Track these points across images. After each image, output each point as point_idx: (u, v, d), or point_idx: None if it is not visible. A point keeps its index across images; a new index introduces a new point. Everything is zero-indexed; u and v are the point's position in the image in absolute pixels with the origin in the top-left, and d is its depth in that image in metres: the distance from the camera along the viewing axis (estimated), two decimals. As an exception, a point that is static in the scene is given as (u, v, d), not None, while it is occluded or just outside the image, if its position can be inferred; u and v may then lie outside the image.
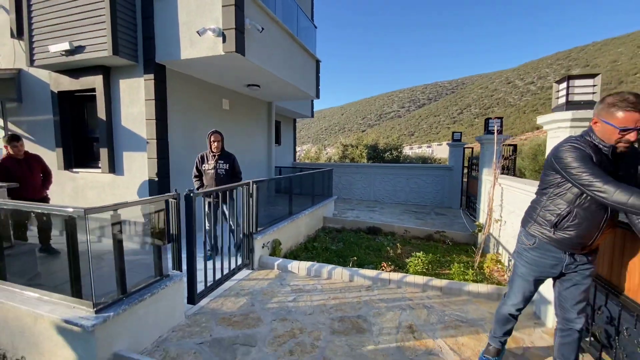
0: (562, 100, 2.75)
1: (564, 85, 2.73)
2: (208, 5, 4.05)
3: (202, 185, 4.12)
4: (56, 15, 4.49)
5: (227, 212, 3.97)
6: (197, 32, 4.04)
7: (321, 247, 5.29)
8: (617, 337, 2.04)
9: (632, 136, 1.48)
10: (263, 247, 4.22)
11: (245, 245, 3.95)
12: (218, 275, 3.33)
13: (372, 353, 2.43)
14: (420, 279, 3.60)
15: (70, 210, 2.05)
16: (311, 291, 3.50)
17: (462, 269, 4.06)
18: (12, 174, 3.69)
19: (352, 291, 3.51)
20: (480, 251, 4.54)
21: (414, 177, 9.68)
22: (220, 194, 3.58)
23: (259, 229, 4.07)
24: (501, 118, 5.50)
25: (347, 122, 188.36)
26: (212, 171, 4.02)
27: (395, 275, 3.68)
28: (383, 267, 3.98)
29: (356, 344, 2.55)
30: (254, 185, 3.87)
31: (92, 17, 4.25)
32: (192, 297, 2.93)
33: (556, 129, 2.79)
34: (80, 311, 2.17)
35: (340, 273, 3.85)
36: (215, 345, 2.50)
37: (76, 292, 2.24)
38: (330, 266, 3.95)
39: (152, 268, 2.64)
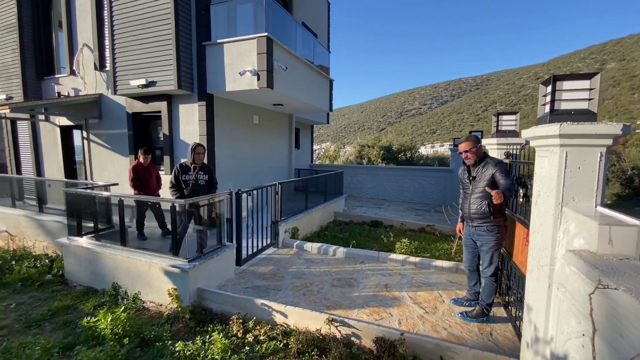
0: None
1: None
2: (247, 53, 5.48)
3: (182, 195, 4.28)
4: (135, 57, 6.07)
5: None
6: (239, 73, 5.48)
7: (331, 235, 6.64)
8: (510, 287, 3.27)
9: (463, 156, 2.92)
10: (285, 232, 5.63)
11: (272, 230, 5.37)
12: (255, 249, 4.77)
13: (356, 296, 3.76)
14: (400, 257, 4.87)
15: (180, 202, 3.52)
16: (319, 263, 4.86)
17: (437, 254, 5.27)
18: (141, 176, 5.12)
19: (349, 263, 4.83)
20: (457, 240, 5.72)
21: (418, 178, 10.79)
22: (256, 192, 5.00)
23: (282, 218, 5.48)
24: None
25: (367, 120, 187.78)
26: (193, 181, 4.37)
27: (383, 253, 4.97)
28: (374, 248, 5.26)
29: (346, 292, 3.89)
30: (279, 186, 5.28)
31: (162, 60, 5.78)
32: (239, 261, 4.38)
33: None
34: (179, 261, 3.65)
35: (342, 251, 5.18)
36: (255, 289, 3.92)
37: (176, 251, 3.72)
38: (335, 246, 5.30)
39: (215, 239, 4.10)
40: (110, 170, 7.23)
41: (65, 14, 7.39)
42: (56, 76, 7.91)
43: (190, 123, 6.24)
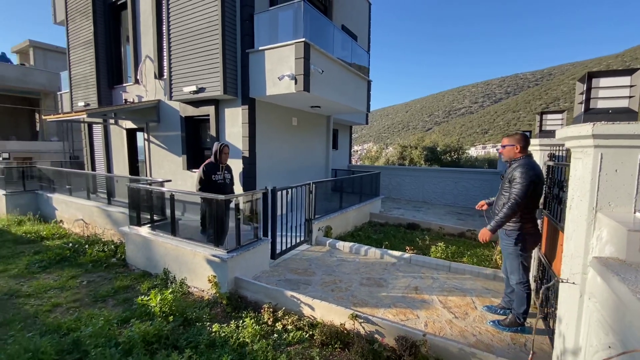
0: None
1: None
2: (285, 58, 5.77)
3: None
4: (187, 66, 6.70)
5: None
6: (278, 77, 5.79)
7: (364, 235, 6.67)
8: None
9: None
10: (319, 230, 5.80)
11: (306, 227, 5.57)
12: (289, 245, 5.01)
13: (384, 296, 3.79)
14: (434, 260, 4.76)
15: (221, 197, 3.87)
16: (350, 262, 4.94)
17: (474, 260, 5.04)
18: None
19: (380, 264, 4.85)
20: (498, 246, 5.41)
21: (462, 180, 10.29)
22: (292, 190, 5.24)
23: (316, 216, 5.65)
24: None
25: (412, 119, 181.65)
26: (221, 180, 4.70)
27: (415, 256, 4.90)
28: (407, 250, 5.20)
29: (374, 291, 3.93)
30: (313, 185, 5.46)
31: (210, 68, 6.31)
32: (274, 255, 4.65)
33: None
34: (219, 251, 4.00)
35: (374, 252, 5.20)
36: (287, 282, 4.14)
37: (217, 242, 4.08)
38: (367, 246, 5.34)
39: (252, 233, 4.40)
40: (166, 168, 8.04)
41: (131, 29, 8.38)
42: (124, 85, 9.00)
43: (234, 125, 6.71)
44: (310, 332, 3.12)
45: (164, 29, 7.05)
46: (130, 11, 8.27)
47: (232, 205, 4.24)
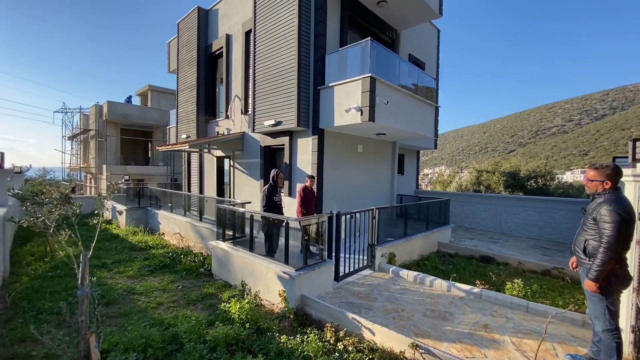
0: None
1: None
2: (352, 92, 6.24)
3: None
4: (268, 104, 7.69)
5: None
6: (345, 110, 6.26)
7: (431, 265, 6.44)
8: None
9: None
10: (382, 256, 5.86)
11: (369, 253, 5.69)
12: (351, 269, 5.20)
13: (448, 330, 3.68)
14: (508, 298, 4.40)
15: (292, 219, 4.34)
16: (414, 291, 4.87)
17: (560, 302, 4.48)
18: (308, 196, 6.17)
19: (447, 297, 4.67)
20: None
21: (549, 210, 9.15)
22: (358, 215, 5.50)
23: (379, 242, 5.75)
24: None
25: (491, 141, 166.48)
26: (279, 202, 5.59)
27: (487, 292, 4.59)
28: (477, 284, 4.89)
29: (438, 324, 3.83)
30: (377, 211, 5.62)
31: (287, 105, 7.15)
32: (337, 277, 4.89)
33: None
34: (288, 269, 4.42)
35: (440, 283, 5.03)
36: (349, 304, 4.31)
37: (287, 260, 4.52)
38: (432, 277, 5.20)
39: (318, 254, 4.74)
40: (246, 191, 9.10)
41: (225, 74, 10.00)
42: (216, 120, 10.64)
43: (305, 153, 7.36)
44: (370, 356, 3.22)
45: (250, 72, 8.28)
46: (225, 59, 9.92)
47: (299, 226, 4.68)
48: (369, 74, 6.02)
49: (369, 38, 6.25)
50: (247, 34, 8.99)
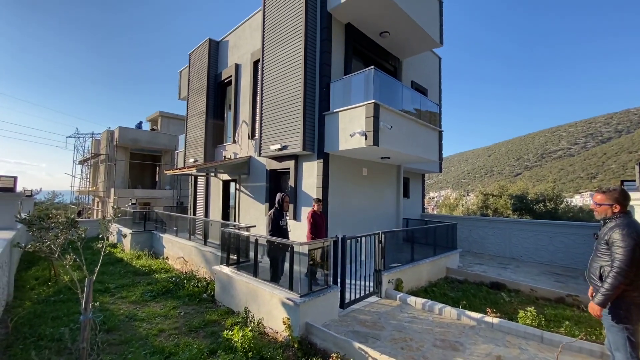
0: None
1: None
2: (357, 118, 6.39)
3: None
4: (274, 129, 7.87)
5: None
6: (350, 134, 6.38)
7: (439, 292, 6.25)
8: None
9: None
10: (389, 282, 5.71)
11: (375, 278, 5.56)
12: (358, 295, 5.07)
13: (459, 362, 3.51)
14: (522, 327, 4.22)
15: (298, 243, 4.31)
16: (423, 320, 4.71)
17: (576, 332, 4.27)
18: (318, 221, 6.07)
19: (457, 326, 4.49)
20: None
21: (559, 235, 8.94)
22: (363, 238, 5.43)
23: (386, 267, 5.63)
24: None
25: (497, 164, 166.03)
26: (285, 226, 5.60)
27: (498, 320, 4.41)
28: (488, 312, 4.71)
29: (449, 355, 3.67)
30: (383, 235, 5.56)
31: (293, 130, 7.31)
32: (342, 304, 4.76)
33: None
34: (293, 295, 4.33)
35: (450, 311, 4.86)
36: (355, 334, 4.17)
37: (291, 286, 4.44)
38: (441, 304, 5.03)
39: (323, 280, 4.65)
40: (252, 215, 9.10)
41: (233, 100, 10.34)
42: (224, 144, 10.87)
43: (310, 177, 7.42)
44: (378, 389, 3.07)
45: (258, 99, 8.55)
46: (234, 87, 10.30)
47: (305, 251, 4.62)
48: (373, 100, 6.19)
49: (372, 67, 6.49)
50: (256, 63, 9.39)
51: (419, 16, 7.79)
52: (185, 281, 6.96)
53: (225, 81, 10.94)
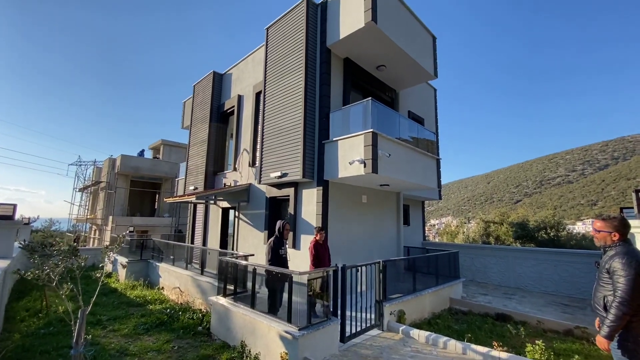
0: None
1: None
2: (356, 146, 6.53)
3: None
4: (275, 157, 8.00)
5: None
6: (349, 162, 6.49)
7: (443, 325, 6.04)
8: None
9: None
10: (391, 314, 5.53)
11: (377, 310, 5.39)
12: (358, 328, 4.89)
13: (467, 401, 3.32)
14: (530, 363, 4.03)
15: (297, 273, 4.24)
16: (427, 354, 4.51)
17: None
18: (319, 252, 5.85)
19: (462, 361, 4.29)
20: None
21: (563, 263, 8.78)
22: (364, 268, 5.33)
23: (387, 297, 5.48)
24: None
25: (496, 191, 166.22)
26: (284, 255, 5.35)
27: (505, 355, 4.23)
28: (495, 346, 4.52)
29: (455, 393, 3.48)
30: (383, 264, 5.46)
31: (293, 158, 7.43)
32: (343, 337, 4.58)
33: None
34: (291, 328, 4.18)
35: (454, 345, 4.67)
36: (357, 369, 3.97)
37: (289, 319, 4.30)
38: (446, 338, 4.84)
39: (322, 312, 4.51)
40: (250, 242, 8.99)
41: (235, 129, 10.59)
42: (224, 172, 10.98)
43: (309, 204, 7.43)
44: None
45: (259, 128, 8.77)
46: (236, 117, 10.60)
47: (304, 281, 4.53)
48: (371, 130, 6.35)
49: (370, 98, 6.73)
50: (258, 94, 9.73)
51: (414, 51, 8.20)
52: (180, 313, 6.74)
53: (228, 111, 11.28)
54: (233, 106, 10.86)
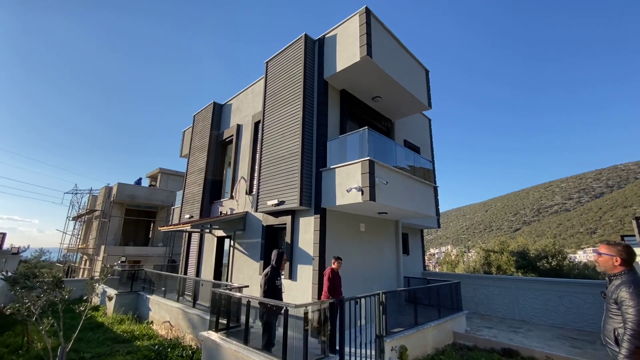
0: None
1: None
2: (353, 174, 6.55)
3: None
4: (272, 185, 7.98)
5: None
6: (347, 190, 6.47)
7: (448, 361, 5.70)
8: None
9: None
10: (392, 349, 5.24)
11: (377, 346, 5.11)
12: (358, 365, 4.60)
13: None
14: (543, 405, 3.75)
15: (292, 306, 4.05)
16: (432, 395, 4.21)
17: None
18: (335, 281, 5.75)
19: (470, 402, 4.00)
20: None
21: (568, 294, 8.52)
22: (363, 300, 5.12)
23: (388, 332, 5.21)
24: None
25: (494, 219, 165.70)
26: (280, 286, 5.20)
27: (515, 396, 3.95)
28: (504, 386, 4.24)
29: None
30: (384, 295, 5.26)
31: (290, 186, 7.41)
32: (342, 376, 4.28)
33: None
34: (287, 366, 3.92)
35: (460, 384, 4.38)
36: (357, 413, 3.67)
37: (284, 356, 4.04)
38: (450, 376, 4.55)
39: (319, 348, 4.26)
40: (245, 273, 8.70)
41: (233, 158, 10.67)
42: (221, 200, 10.90)
43: (306, 233, 7.30)
44: None
45: (257, 156, 8.83)
46: (234, 145, 10.72)
47: (301, 314, 4.32)
48: (368, 157, 6.41)
49: (366, 127, 6.86)
50: (256, 124, 9.92)
51: (408, 83, 8.50)
52: (169, 349, 6.37)
53: (227, 140, 11.42)
54: (232, 135, 11.02)
